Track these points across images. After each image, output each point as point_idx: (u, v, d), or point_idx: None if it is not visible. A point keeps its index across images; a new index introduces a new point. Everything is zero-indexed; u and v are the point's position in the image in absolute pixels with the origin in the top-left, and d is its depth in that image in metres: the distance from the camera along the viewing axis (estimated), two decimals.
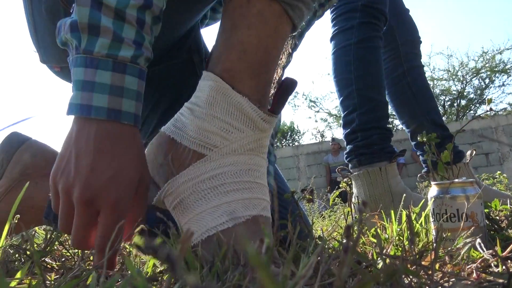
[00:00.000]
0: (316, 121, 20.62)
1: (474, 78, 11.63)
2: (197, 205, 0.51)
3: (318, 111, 13.68)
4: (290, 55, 0.69)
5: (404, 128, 1.42)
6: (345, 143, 1.21)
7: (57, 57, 0.72)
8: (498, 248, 0.46)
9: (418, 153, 1.37)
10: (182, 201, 0.53)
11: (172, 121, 0.56)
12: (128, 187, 0.49)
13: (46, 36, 0.71)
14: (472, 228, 0.57)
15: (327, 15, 1.26)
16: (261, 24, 0.51)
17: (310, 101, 13.55)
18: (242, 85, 0.52)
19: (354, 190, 1.16)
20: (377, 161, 1.13)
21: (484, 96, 11.64)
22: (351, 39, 1.16)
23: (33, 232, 0.81)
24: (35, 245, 0.73)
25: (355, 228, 0.42)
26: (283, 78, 0.59)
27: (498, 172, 2.56)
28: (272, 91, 0.61)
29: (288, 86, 0.58)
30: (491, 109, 0.99)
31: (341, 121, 1.25)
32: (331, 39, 1.24)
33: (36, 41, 0.73)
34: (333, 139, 7.37)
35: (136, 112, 0.51)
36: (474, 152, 0.96)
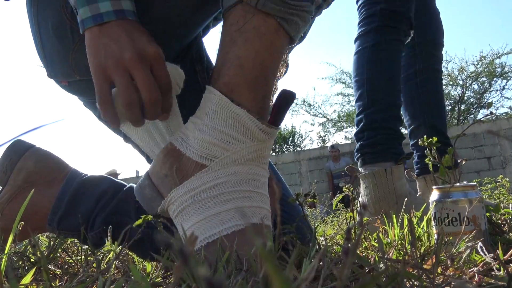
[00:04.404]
0: (312, 124, 20.57)
1: (474, 83, 11.60)
2: (198, 213, 0.55)
3: (315, 115, 13.62)
4: (287, 66, 0.71)
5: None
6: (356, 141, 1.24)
7: (64, 72, 0.72)
8: (499, 252, 0.46)
9: (414, 154, 1.36)
10: (184, 210, 0.56)
11: (179, 133, 0.60)
12: (160, 45, 0.56)
13: (53, 52, 0.71)
14: (474, 231, 0.57)
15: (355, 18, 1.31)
16: (257, 39, 0.54)
17: (309, 105, 13.51)
18: (240, 98, 0.55)
19: (361, 189, 1.16)
20: (380, 161, 1.13)
21: (484, 100, 11.61)
22: (368, 42, 1.21)
23: (37, 239, 0.82)
24: (38, 253, 0.73)
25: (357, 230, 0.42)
26: (281, 90, 0.60)
27: (501, 176, 2.54)
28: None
29: (286, 98, 0.59)
30: (491, 113, 0.99)
31: (339, 125, 1.27)
32: (355, 41, 1.29)
33: (43, 57, 0.74)
34: (332, 146, 7.14)
35: (134, 10, 0.57)
36: (464, 162, 0.96)
